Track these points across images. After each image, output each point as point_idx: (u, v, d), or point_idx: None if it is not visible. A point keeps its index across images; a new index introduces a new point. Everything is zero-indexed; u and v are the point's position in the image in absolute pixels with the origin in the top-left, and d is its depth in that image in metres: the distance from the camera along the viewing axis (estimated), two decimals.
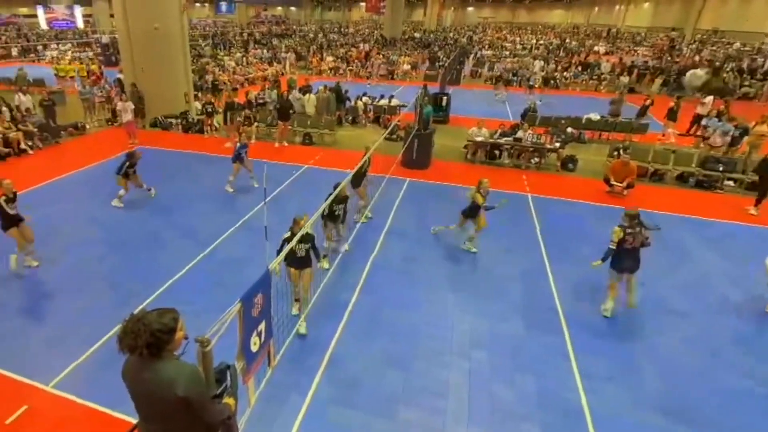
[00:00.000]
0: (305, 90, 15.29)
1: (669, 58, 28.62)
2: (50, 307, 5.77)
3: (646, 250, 7.48)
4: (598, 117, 14.08)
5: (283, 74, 22.30)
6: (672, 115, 13.59)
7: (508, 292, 6.26)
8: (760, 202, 8.97)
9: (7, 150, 11.00)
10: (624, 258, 5.53)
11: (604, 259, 5.60)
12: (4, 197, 5.79)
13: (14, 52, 31.99)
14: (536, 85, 21.39)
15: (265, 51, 30.89)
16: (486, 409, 4.42)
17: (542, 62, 26.41)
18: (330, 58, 28.23)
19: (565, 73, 24.19)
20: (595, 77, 23.42)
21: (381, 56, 28.75)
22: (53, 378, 4.56)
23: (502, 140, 11.58)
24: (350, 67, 25.88)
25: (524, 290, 6.33)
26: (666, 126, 13.80)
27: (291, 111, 13.20)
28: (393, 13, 40.27)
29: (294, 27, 56.09)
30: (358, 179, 7.74)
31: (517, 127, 11.98)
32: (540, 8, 78.19)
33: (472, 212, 7.03)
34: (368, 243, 7.43)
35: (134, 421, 2.60)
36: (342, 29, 53.58)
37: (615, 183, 9.67)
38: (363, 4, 58.42)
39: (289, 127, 13.01)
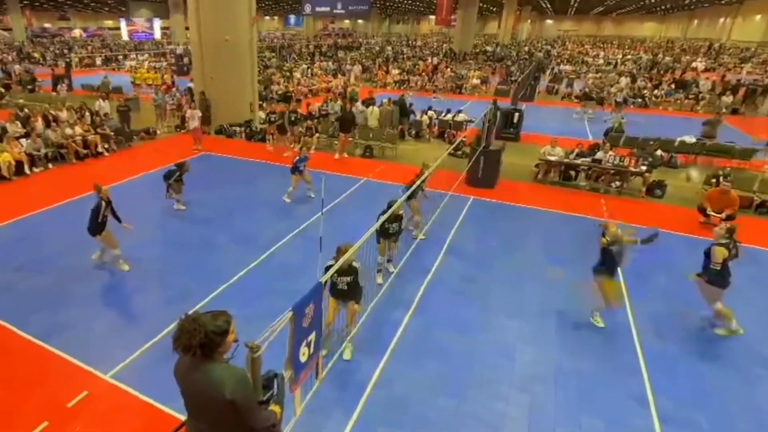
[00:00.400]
0: (368, 102, 15.83)
1: None
2: (114, 300, 6.36)
3: (744, 290, 6.94)
4: (694, 140, 13.27)
5: (347, 86, 23.23)
6: None
7: (579, 325, 6.01)
8: None
9: (85, 151, 12.38)
10: (726, 275, 5.61)
11: (702, 275, 5.71)
12: (103, 203, 6.43)
13: (98, 61, 36.00)
14: (627, 104, 20.54)
15: (330, 63, 32.42)
16: None
17: (629, 79, 25.41)
18: (396, 71, 29.03)
19: (655, 91, 23.07)
20: (691, 96, 22.11)
21: (449, 70, 29.12)
22: (112, 368, 5.00)
23: (579, 161, 11.24)
24: (416, 81, 26.40)
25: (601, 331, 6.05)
26: None
27: (353, 123, 13.73)
28: (464, 26, 40.77)
29: (360, 40, 58.39)
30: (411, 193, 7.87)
31: (597, 148, 11.59)
32: (629, 20, 75.58)
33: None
34: (425, 260, 7.48)
35: (183, 418, 2.82)
36: (410, 42, 54.97)
37: (712, 213, 9.02)
38: (432, 17, 59.69)
39: (351, 139, 13.49)
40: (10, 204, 9.39)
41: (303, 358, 4.07)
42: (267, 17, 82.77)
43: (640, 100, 22.16)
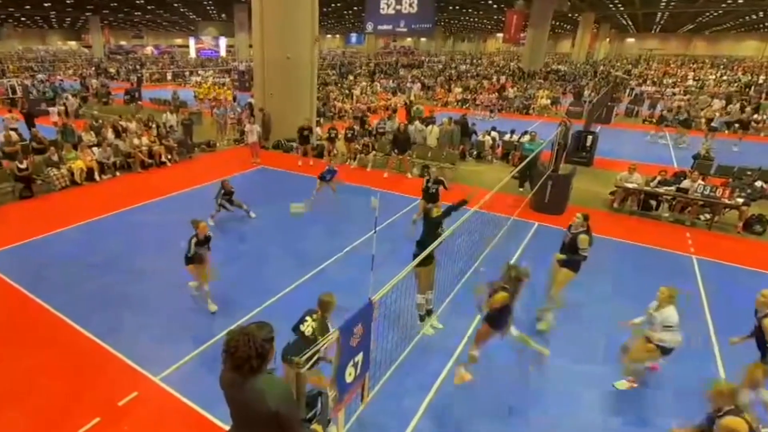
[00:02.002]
0: (428, 121, 16.05)
1: None
2: (168, 305, 6.78)
3: None
4: None
5: (407, 104, 23.70)
6: None
7: (659, 374, 5.64)
8: None
9: (150, 161, 13.44)
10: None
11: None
12: (195, 238, 6.73)
13: (169, 76, 39.22)
14: (722, 129, 19.41)
15: (390, 81, 33.28)
16: None
17: (723, 101, 24.04)
18: (458, 89, 29.26)
19: (755, 116, 21.63)
20: None
21: (514, 89, 28.95)
22: (162, 371, 5.33)
23: (662, 189, 10.71)
24: (478, 100, 26.45)
25: (682, 371, 5.65)
26: None
27: (412, 142, 13.96)
28: (534, 44, 40.54)
29: (423, 58, 59.52)
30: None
31: (683, 176, 11.01)
32: (725, 39, 71.78)
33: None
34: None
35: (227, 427, 2.95)
36: (474, 60, 55.29)
37: None
38: (500, 35, 59.88)
39: (408, 158, 13.70)
40: (80, 207, 10.38)
41: (349, 379, 4.13)
42: (329, 36, 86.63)
43: (737, 125, 20.84)
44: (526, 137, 15.45)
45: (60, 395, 5.00)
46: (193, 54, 60.50)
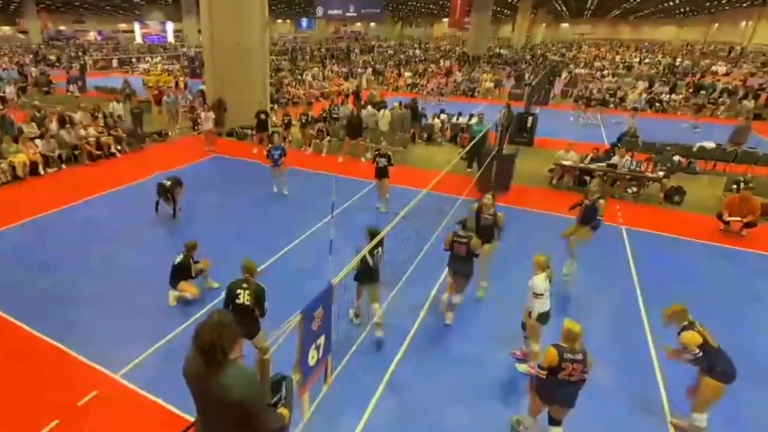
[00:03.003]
0: (380, 106, 15.89)
1: None
2: (124, 301, 6.43)
3: (766, 301, 6.79)
4: (713, 145, 13.08)
5: (357, 89, 23.31)
6: None
7: (594, 340, 5.91)
8: None
9: (98, 152, 12.60)
10: (718, 359, 4.29)
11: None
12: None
13: (114, 63, 36.72)
14: (639, 107, 20.38)
15: (344, 67, 32.65)
16: None
17: (646, 83, 25.18)
18: (408, 74, 29.10)
19: (672, 95, 22.81)
20: (711, 101, 21.81)
21: (460, 72, 29.13)
22: (122, 368, 5.08)
23: (594, 165, 11.15)
24: (429, 84, 26.43)
25: (613, 336, 5.97)
26: None
27: (365, 128, 13.78)
28: (478, 29, 40.80)
29: (373, 43, 58.71)
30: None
31: (612, 152, 11.48)
32: (647, 24, 74.92)
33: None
34: (433, 268, 7.45)
35: (192, 418, 2.84)
36: (422, 45, 55.11)
37: (732, 219, 8.88)
38: (446, 20, 59.83)
39: (362, 142, 13.54)
40: (24, 203, 9.60)
41: (312, 362, 4.09)
42: (279, 21, 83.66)
43: (658, 104, 21.95)
44: (473, 119, 15.62)
45: (14, 400, 4.68)
46: (139, 40, 56.98)
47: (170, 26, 57.35)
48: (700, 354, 4.15)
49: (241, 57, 14.92)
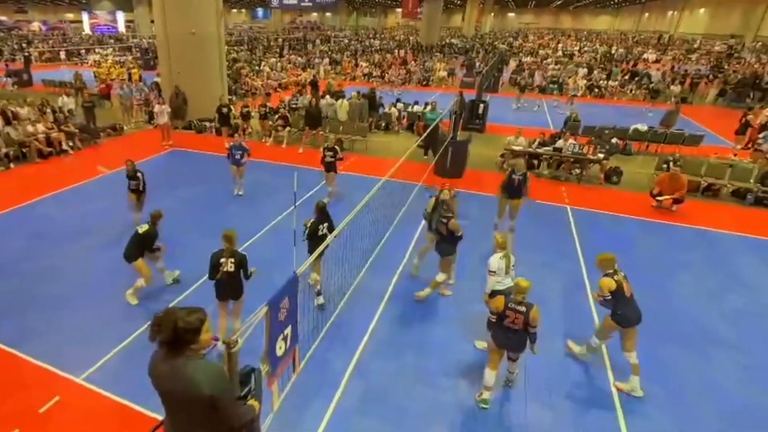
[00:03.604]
0: (338, 95, 15.61)
1: (726, 67, 27.51)
2: (82, 303, 6.06)
3: (694, 269, 7.21)
4: (646, 128, 13.68)
5: (315, 79, 22.77)
6: (743, 129, 13.08)
7: (544, 311, 6.12)
8: None
9: (49, 149, 11.75)
10: (626, 307, 4.70)
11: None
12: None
13: (62, 55, 34.16)
14: (579, 94, 21.02)
15: (301, 57, 31.78)
16: None
17: (586, 70, 25.96)
18: (364, 64, 28.71)
19: (609, 82, 23.66)
20: (644, 86, 22.77)
21: (415, 62, 29.00)
22: (84, 371, 4.80)
23: (541, 150, 11.42)
24: (385, 74, 26.17)
25: (562, 308, 6.19)
26: (737, 143, 13.26)
27: (324, 117, 13.49)
28: (430, 18, 40.65)
29: (329, 33, 57.44)
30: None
31: (558, 137, 11.80)
32: (585, 14, 76.99)
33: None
34: (396, 253, 7.47)
35: (160, 417, 2.72)
36: (377, 35, 54.43)
37: (661, 198, 9.35)
38: (399, 10, 59.25)
39: (321, 132, 13.29)
40: None
41: (280, 352, 4.01)
42: (234, 10, 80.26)
43: (597, 90, 22.71)
44: (428, 107, 15.64)
45: None
46: (87, 30, 53.16)
47: (121, 16, 53.70)
48: (609, 297, 4.65)
49: (196, 47, 14.22)
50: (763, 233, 8.55)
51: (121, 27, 53.12)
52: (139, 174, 7.87)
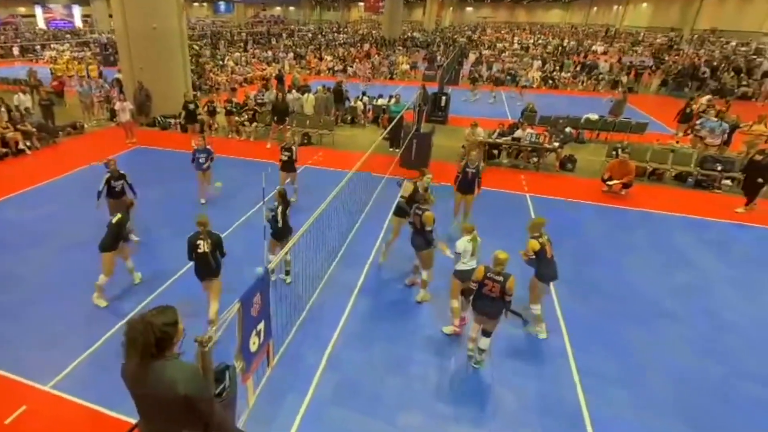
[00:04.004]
0: (304, 90, 15.28)
1: (667, 58, 28.65)
2: (49, 308, 5.73)
3: (643, 249, 7.52)
4: (597, 117, 14.09)
5: (280, 74, 22.19)
6: (686, 117, 13.61)
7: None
8: (751, 201, 9.01)
9: (5, 150, 10.98)
10: (547, 266, 5.26)
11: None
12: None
13: (15, 51, 31.88)
14: (534, 85, 21.39)
15: (266, 51, 30.88)
16: (489, 412, 4.41)
17: (540, 62, 26.44)
18: (329, 58, 28.20)
19: (562, 73, 24.20)
20: (593, 77, 23.43)
21: (378, 56, 28.74)
22: (51, 379, 4.55)
23: (501, 140, 11.57)
24: (350, 67, 25.79)
25: (522, 290, 6.30)
26: (678, 130, 13.80)
27: (290, 112, 13.17)
28: (392, 13, 40.28)
29: (292, 27, 56.04)
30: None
31: (516, 127, 11.98)
32: (538, 8, 78.25)
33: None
34: (365, 244, 7.42)
35: (133, 421, 2.60)
36: (341, 29, 53.54)
37: (611, 183, 9.68)
38: (362, 4, 58.44)
39: (289, 127, 12.98)
40: None
41: (253, 348, 3.92)
42: (196, 4, 76.96)
43: (551, 81, 23.19)
44: (392, 100, 15.55)
45: None
46: (42, 25, 49.80)
47: (77, 10, 50.54)
48: (534, 257, 5.16)
49: (158, 42, 13.53)
50: (702, 213, 8.99)
51: (78, 22, 50.05)
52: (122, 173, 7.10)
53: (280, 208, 5.89)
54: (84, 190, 8.54)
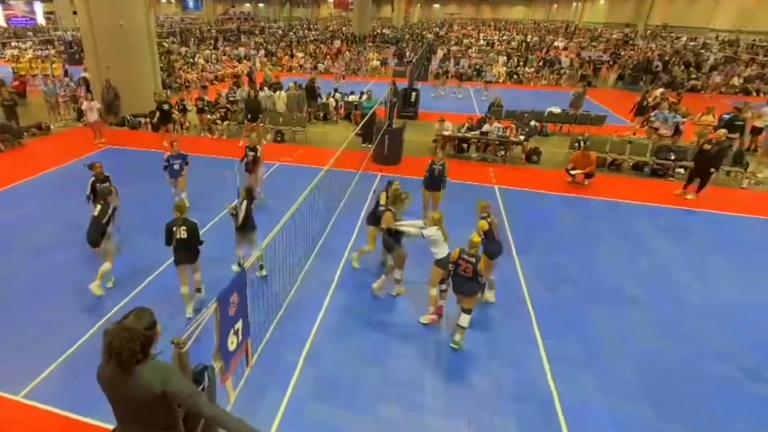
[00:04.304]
0: (276, 87, 14.96)
1: (623, 53, 29.46)
2: (18, 315, 5.45)
3: (606, 237, 7.72)
4: (559, 110, 14.37)
5: (251, 71, 21.64)
6: (641, 110, 14.00)
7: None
8: (702, 187, 9.42)
9: None
10: (492, 243, 5.54)
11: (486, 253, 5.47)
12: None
13: None
14: (500, 80, 21.60)
15: (237, 49, 30.03)
16: (463, 400, 4.46)
17: (505, 57, 26.73)
18: (300, 55, 27.69)
19: (526, 68, 24.54)
20: (555, 72, 23.86)
21: (349, 52, 28.41)
22: (23, 388, 4.33)
23: (470, 134, 11.66)
24: (321, 64, 25.40)
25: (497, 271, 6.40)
26: (635, 123, 14.20)
27: (263, 109, 12.86)
28: (361, 9, 39.85)
29: (263, 24, 54.69)
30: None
31: (484, 121, 12.09)
32: (502, 5, 79.02)
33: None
34: (340, 239, 7.37)
35: (110, 426, 2.50)
36: (311, 26, 52.64)
37: (575, 172, 9.91)
38: (331, 0, 57.53)
39: (261, 124, 12.70)
40: None
41: (232, 347, 3.83)
42: (164, 0, 74.05)
43: (516, 76, 23.50)
44: (364, 97, 15.40)
45: None
46: (2, 22, 46.90)
47: (39, 7, 47.86)
48: (483, 237, 5.32)
49: (125, 39, 12.95)
50: (659, 201, 9.32)
51: (41, 19, 47.39)
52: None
53: (244, 203, 5.82)
54: (54, 193, 8.17)
